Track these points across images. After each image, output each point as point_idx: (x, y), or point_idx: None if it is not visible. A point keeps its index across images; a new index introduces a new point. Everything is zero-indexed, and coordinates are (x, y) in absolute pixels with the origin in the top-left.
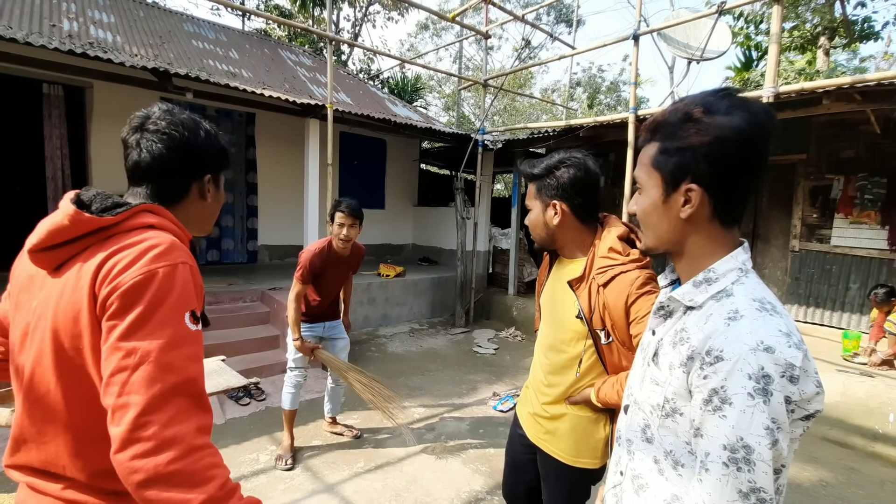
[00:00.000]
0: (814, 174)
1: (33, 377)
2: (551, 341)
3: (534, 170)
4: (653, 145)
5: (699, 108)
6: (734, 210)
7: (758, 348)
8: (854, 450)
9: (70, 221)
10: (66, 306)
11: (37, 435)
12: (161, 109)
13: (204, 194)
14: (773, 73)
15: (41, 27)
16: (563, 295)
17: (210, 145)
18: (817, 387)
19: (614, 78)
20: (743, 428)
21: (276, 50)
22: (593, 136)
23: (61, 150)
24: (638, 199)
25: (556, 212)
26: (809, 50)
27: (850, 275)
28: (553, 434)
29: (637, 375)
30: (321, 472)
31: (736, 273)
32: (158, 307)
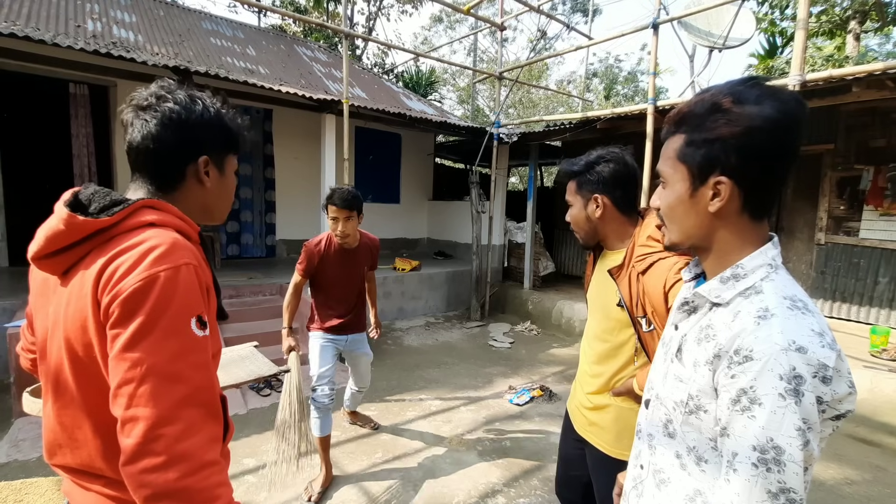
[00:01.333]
0: (842, 165)
1: (57, 384)
2: (595, 331)
3: (573, 167)
4: (678, 137)
5: (728, 98)
6: (764, 203)
7: (790, 348)
8: (881, 448)
9: (66, 226)
10: (73, 314)
11: (69, 440)
12: (157, 85)
13: (201, 178)
14: (799, 61)
15: (66, 28)
16: (606, 285)
17: (207, 122)
18: (850, 387)
19: (632, 68)
20: (773, 429)
21: (291, 46)
22: (610, 129)
23: (87, 148)
24: (662, 194)
25: (598, 205)
26: (838, 35)
27: (878, 269)
28: (597, 425)
29: (659, 371)
30: (340, 461)
31: (765, 269)
32: (162, 315)
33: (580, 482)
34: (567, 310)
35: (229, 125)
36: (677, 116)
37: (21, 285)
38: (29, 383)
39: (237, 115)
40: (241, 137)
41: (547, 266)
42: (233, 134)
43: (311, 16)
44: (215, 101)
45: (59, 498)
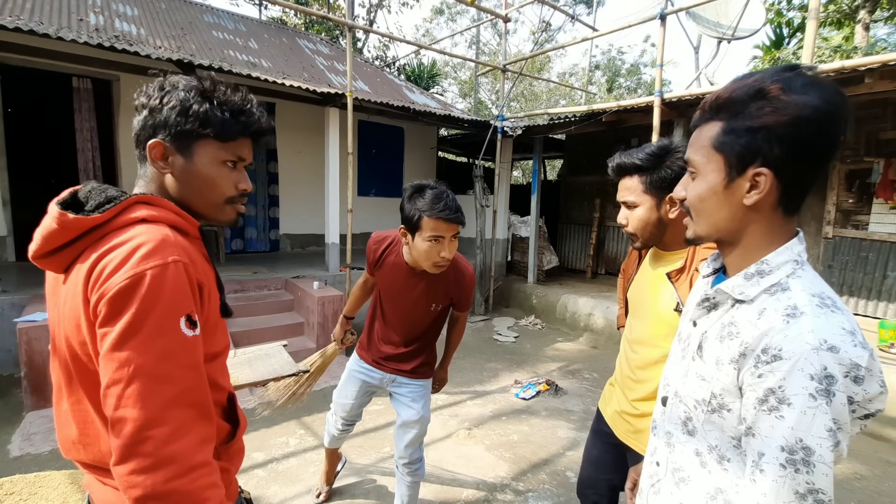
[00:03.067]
0: (851, 157)
1: (69, 381)
2: (641, 336)
3: (638, 160)
4: (714, 125)
5: (776, 85)
6: (800, 197)
7: (821, 347)
8: (891, 443)
9: (59, 225)
10: (69, 312)
11: (81, 437)
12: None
13: (156, 163)
14: (810, 52)
15: (69, 22)
16: (658, 287)
17: (165, 106)
18: (881, 386)
19: (634, 60)
20: (803, 430)
21: (293, 39)
22: (616, 121)
23: (91, 142)
24: (690, 184)
25: (675, 204)
26: (847, 25)
27: (888, 262)
28: (643, 432)
29: (678, 368)
30: (349, 455)
31: (791, 265)
32: (149, 314)
33: (609, 485)
34: (571, 304)
35: (192, 107)
36: (715, 102)
37: (29, 280)
38: (42, 378)
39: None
40: (219, 121)
41: (551, 260)
42: (199, 116)
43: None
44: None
45: (72, 490)
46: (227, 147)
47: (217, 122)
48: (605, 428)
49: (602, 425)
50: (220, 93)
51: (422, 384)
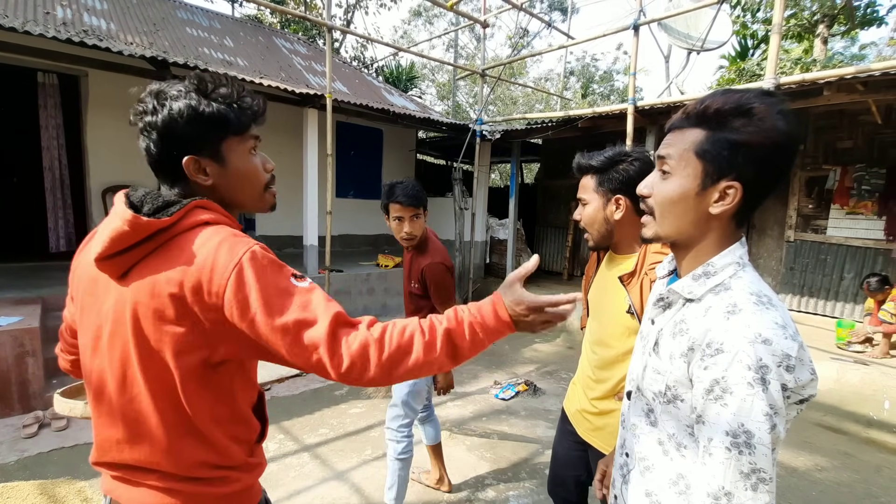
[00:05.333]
0: (810, 165)
1: (120, 383)
2: (599, 336)
3: (593, 161)
4: (697, 132)
5: (763, 107)
6: (752, 212)
7: (756, 341)
8: (848, 435)
9: (130, 227)
10: (147, 313)
11: (129, 437)
12: (147, 93)
13: (197, 177)
14: (773, 64)
15: (35, 15)
16: (614, 290)
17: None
18: (811, 374)
19: (608, 67)
20: (744, 415)
21: (270, 38)
22: (591, 127)
23: (57, 139)
24: (660, 184)
25: (620, 206)
26: (807, 38)
27: (844, 264)
28: (602, 430)
29: (639, 363)
30: (330, 459)
31: (734, 267)
32: (266, 287)
33: (576, 482)
34: None
35: (206, 113)
36: (702, 111)
37: None
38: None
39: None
40: (234, 116)
41: None
42: (216, 119)
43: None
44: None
45: (42, 501)
46: (245, 137)
47: (231, 118)
48: (570, 426)
49: (566, 424)
50: (214, 88)
51: None
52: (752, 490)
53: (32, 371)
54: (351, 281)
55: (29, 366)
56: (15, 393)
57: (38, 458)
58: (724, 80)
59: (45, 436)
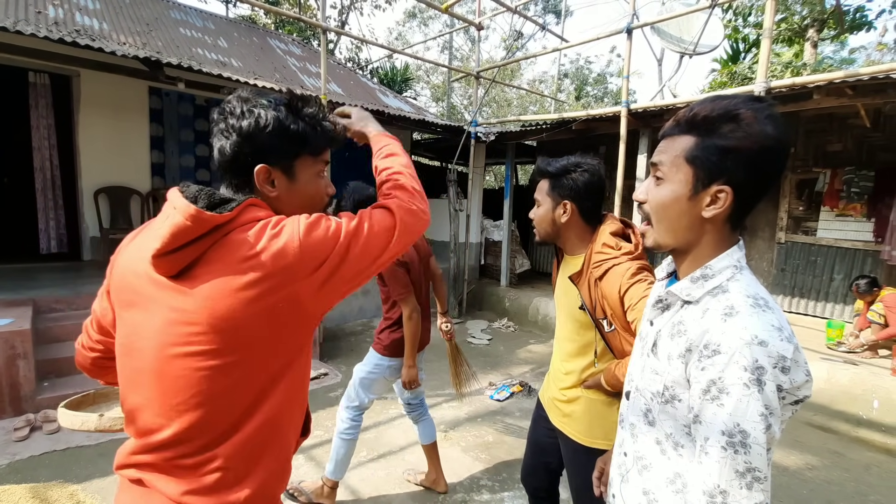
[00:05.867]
0: (801, 167)
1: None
2: (564, 332)
3: (549, 167)
4: (687, 138)
5: (750, 113)
6: (746, 215)
7: (752, 342)
8: (838, 435)
9: (192, 221)
10: (215, 309)
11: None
12: (236, 97)
13: (264, 187)
14: (764, 68)
15: (27, 14)
16: (569, 289)
17: (262, 132)
18: (806, 375)
19: (601, 69)
20: (739, 415)
21: (264, 38)
22: (585, 129)
23: (49, 140)
24: (654, 189)
25: (566, 211)
26: (797, 42)
27: (834, 266)
28: (570, 417)
29: (637, 364)
30: (324, 461)
31: (731, 270)
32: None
33: (547, 469)
34: (543, 306)
35: (290, 128)
36: (692, 118)
37: None
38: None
39: (311, 112)
40: (314, 137)
41: (523, 264)
42: (297, 136)
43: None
44: (277, 103)
45: None
46: (318, 159)
47: (312, 138)
48: (543, 413)
49: (541, 411)
50: (303, 107)
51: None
52: (747, 489)
53: (24, 373)
54: None
55: (20, 368)
56: (6, 396)
57: (30, 461)
58: (716, 84)
59: (36, 439)
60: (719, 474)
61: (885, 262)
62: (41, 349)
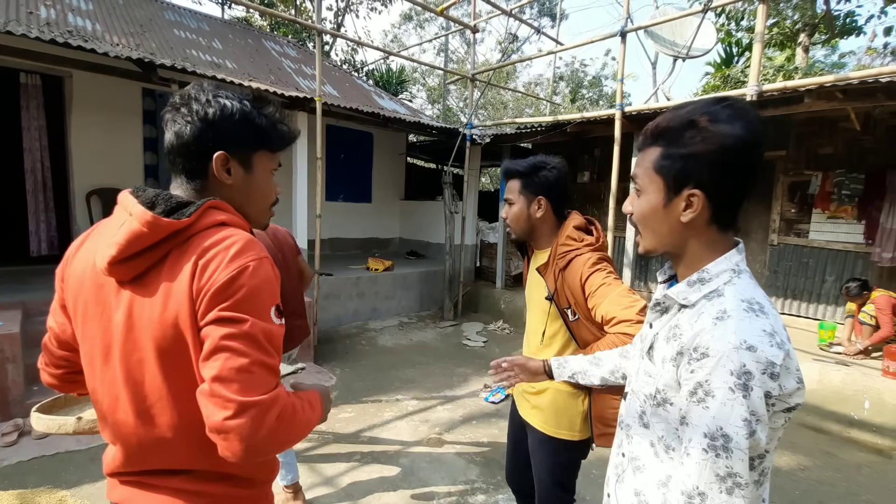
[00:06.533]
0: (793, 170)
1: (139, 389)
2: (532, 324)
3: (520, 167)
4: (655, 150)
5: (705, 117)
6: (730, 214)
7: (741, 347)
8: (830, 435)
9: (149, 228)
10: (163, 315)
11: (157, 441)
12: (190, 87)
13: (221, 175)
14: (756, 72)
15: (18, 14)
16: (537, 282)
17: (227, 119)
18: (798, 382)
19: (596, 72)
20: (723, 419)
21: (259, 40)
22: (580, 132)
23: (40, 141)
24: (636, 202)
25: (541, 206)
26: (789, 46)
27: (826, 268)
28: (537, 408)
29: (634, 365)
30: (318, 464)
31: (728, 274)
32: (252, 299)
33: (527, 466)
34: None
35: (255, 121)
36: (655, 130)
37: None
38: None
39: (271, 111)
40: (274, 134)
41: (518, 266)
42: (260, 130)
43: (278, 9)
44: (241, 98)
45: None
46: (274, 157)
47: (274, 134)
48: (516, 411)
49: (514, 408)
50: (264, 105)
51: None
52: (728, 494)
53: (12, 378)
54: (341, 285)
55: (9, 372)
56: None
57: (18, 466)
58: (709, 87)
59: (25, 444)
60: (699, 476)
61: (875, 263)
62: (30, 353)
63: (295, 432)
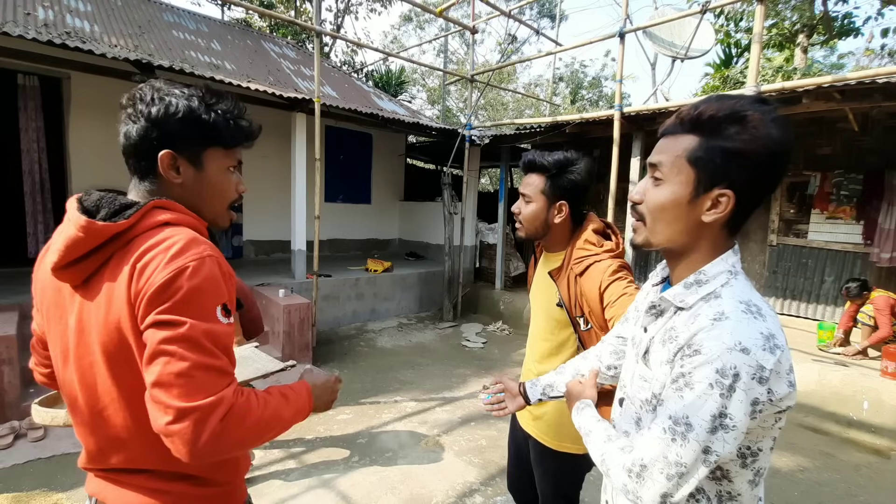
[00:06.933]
0: (791, 171)
1: (94, 389)
2: (538, 330)
3: (546, 162)
4: (690, 138)
5: (757, 115)
6: (744, 221)
7: (734, 348)
8: (829, 436)
9: (84, 233)
10: (107, 318)
11: (113, 441)
12: (144, 85)
13: (169, 174)
14: (755, 73)
15: (15, 15)
16: (547, 286)
17: (172, 117)
18: (789, 386)
19: (596, 73)
20: (692, 409)
21: (258, 41)
22: (579, 133)
23: (38, 143)
24: (652, 190)
25: (561, 211)
26: (787, 47)
27: (825, 268)
28: (540, 419)
29: (629, 370)
30: (316, 467)
31: (726, 276)
32: (191, 301)
33: (531, 477)
34: None
35: (201, 118)
36: (696, 116)
37: None
38: None
39: (225, 106)
40: (227, 130)
41: (518, 266)
42: (209, 127)
43: (277, 11)
44: (190, 94)
45: None
46: (231, 153)
47: (225, 130)
48: (517, 421)
49: (515, 420)
50: (217, 101)
51: None
52: (666, 479)
53: (8, 380)
54: (339, 286)
55: (4, 375)
56: None
57: (13, 469)
58: (708, 87)
59: (20, 447)
60: (648, 448)
61: (873, 264)
62: (27, 355)
63: (253, 431)
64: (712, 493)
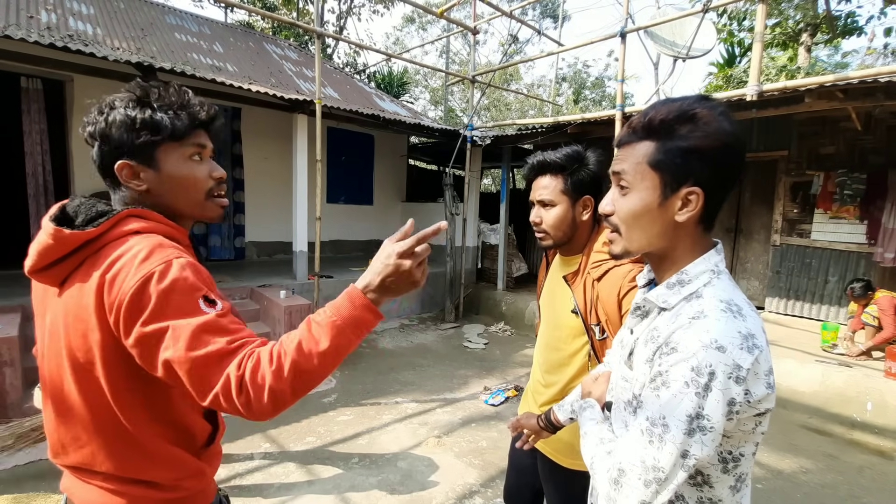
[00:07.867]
0: (795, 170)
1: (59, 390)
2: (548, 339)
3: (560, 159)
4: (647, 144)
5: (704, 111)
6: (715, 215)
7: (710, 346)
8: (833, 437)
9: (54, 240)
10: (73, 323)
11: (73, 440)
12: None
13: (130, 183)
14: (756, 72)
15: (18, 18)
16: (560, 292)
17: (112, 127)
18: (767, 388)
19: (599, 73)
20: (668, 409)
21: (260, 43)
22: (580, 133)
23: (41, 145)
24: (620, 200)
25: (587, 207)
26: (791, 46)
27: (828, 268)
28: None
29: (616, 373)
30: (316, 468)
31: (708, 275)
32: (167, 302)
33: (531, 490)
34: None
35: (136, 120)
36: (648, 123)
37: None
38: None
39: (162, 100)
40: (167, 122)
41: (520, 267)
42: (148, 126)
43: (280, 13)
44: (127, 99)
45: None
46: (185, 143)
47: (165, 124)
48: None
49: None
50: (155, 96)
51: None
52: (644, 486)
53: (10, 381)
54: (341, 287)
55: (6, 376)
56: None
57: (14, 471)
58: (711, 87)
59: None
60: (626, 451)
61: (877, 263)
62: (29, 356)
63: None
64: (693, 500)
